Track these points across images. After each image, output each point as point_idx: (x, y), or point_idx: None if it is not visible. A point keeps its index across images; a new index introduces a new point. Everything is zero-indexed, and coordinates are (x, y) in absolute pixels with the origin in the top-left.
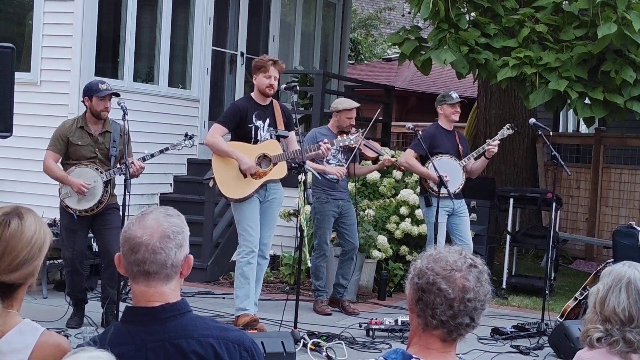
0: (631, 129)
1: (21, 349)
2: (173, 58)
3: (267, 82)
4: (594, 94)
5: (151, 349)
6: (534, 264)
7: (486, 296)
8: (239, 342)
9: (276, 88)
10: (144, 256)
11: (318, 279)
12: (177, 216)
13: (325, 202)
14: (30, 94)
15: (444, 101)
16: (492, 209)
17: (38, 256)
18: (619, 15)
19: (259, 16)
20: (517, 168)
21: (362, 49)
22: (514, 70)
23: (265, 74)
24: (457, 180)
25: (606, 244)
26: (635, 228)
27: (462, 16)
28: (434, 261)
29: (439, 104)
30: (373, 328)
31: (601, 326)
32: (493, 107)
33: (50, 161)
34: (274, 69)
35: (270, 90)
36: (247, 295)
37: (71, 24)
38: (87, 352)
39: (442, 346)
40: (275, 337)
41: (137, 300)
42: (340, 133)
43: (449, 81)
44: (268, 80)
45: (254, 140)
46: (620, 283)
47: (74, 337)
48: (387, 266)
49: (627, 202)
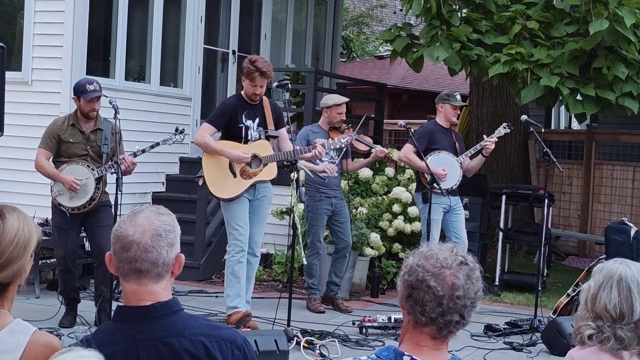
0: (623, 125)
1: (12, 349)
2: (164, 56)
3: (252, 90)
4: (585, 90)
5: (143, 348)
6: (527, 261)
7: (476, 294)
8: (231, 340)
9: (263, 94)
10: (135, 254)
11: (311, 277)
12: (168, 215)
13: (318, 200)
14: (22, 93)
15: (447, 101)
16: (484, 206)
17: (23, 255)
18: (611, 12)
19: (251, 14)
20: (509, 165)
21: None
22: (506, 67)
23: (251, 83)
24: (455, 176)
25: (598, 240)
26: (627, 224)
27: (453, 13)
28: (424, 258)
29: (442, 102)
30: (366, 326)
31: (593, 323)
32: (485, 104)
33: (41, 158)
34: (261, 79)
35: (255, 97)
36: (238, 294)
37: (62, 23)
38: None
39: (433, 343)
40: (269, 335)
41: (128, 299)
42: (331, 129)
43: (441, 78)
44: (253, 89)
45: (244, 140)
46: (611, 280)
47: (66, 337)
48: (380, 264)
49: (619, 198)
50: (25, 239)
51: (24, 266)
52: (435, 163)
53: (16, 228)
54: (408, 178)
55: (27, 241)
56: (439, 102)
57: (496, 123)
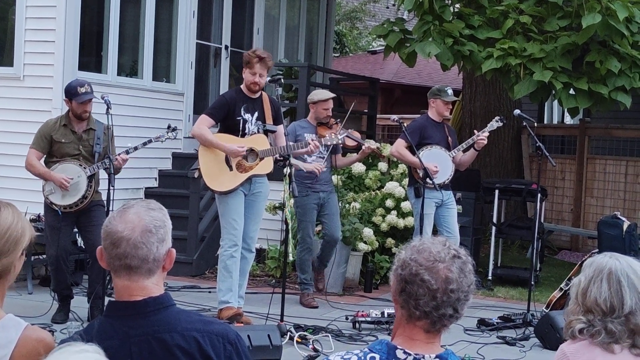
0: (616, 120)
1: (4, 344)
2: (157, 52)
3: (251, 78)
4: (578, 85)
5: (135, 343)
6: (520, 255)
7: (470, 287)
8: (223, 335)
9: (263, 84)
10: (125, 250)
11: (304, 272)
12: (159, 210)
13: (305, 196)
14: (14, 89)
15: (438, 96)
16: (477, 201)
17: (14, 250)
18: (603, 6)
19: (243, 9)
20: (502, 160)
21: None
22: (499, 62)
23: (250, 70)
24: (447, 171)
25: (591, 234)
26: (620, 218)
27: (446, 8)
28: (417, 252)
29: (433, 97)
30: (359, 320)
31: (583, 317)
32: (478, 99)
33: (32, 158)
34: (260, 66)
35: (255, 86)
36: (230, 289)
37: (54, 18)
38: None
39: (426, 337)
40: (262, 330)
41: (119, 295)
42: (319, 125)
43: (434, 73)
44: (253, 77)
45: (241, 133)
46: (601, 274)
47: (59, 333)
48: (373, 259)
49: (611, 192)
50: (17, 235)
51: (14, 263)
52: (427, 158)
53: (9, 222)
54: (401, 173)
55: (19, 237)
56: (431, 97)
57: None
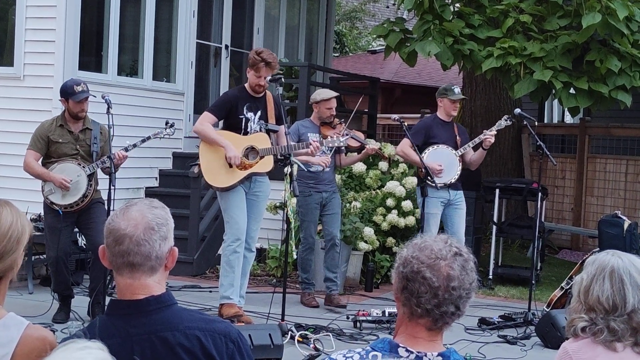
0: (616, 119)
1: (6, 343)
2: (157, 51)
3: (256, 81)
4: (578, 84)
5: (136, 342)
6: (520, 254)
7: (471, 285)
8: (225, 334)
9: (267, 86)
10: (128, 248)
11: (305, 272)
12: (161, 208)
13: (307, 196)
14: (14, 89)
15: (445, 95)
16: (478, 200)
17: (16, 249)
18: (603, 5)
19: (243, 9)
20: (502, 159)
21: (346, 41)
22: (499, 61)
23: (256, 73)
24: (453, 170)
25: (592, 233)
26: (620, 217)
27: (446, 7)
28: (419, 250)
29: (440, 96)
30: (360, 320)
31: (585, 315)
32: (478, 98)
33: (30, 159)
34: (266, 70)
35: (259, 88)
36: (232, 284)
37: (54, 18)
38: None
39: (428, 335)
40: (263, 330)
41: (121, 293)
42: (323, 124)
43: (435, 73)
44: (257, 80)
45: (243, 131)
46: (603, 272)
47: (60, 332)
48: (373, 258)
49: (612, 191)
50: (19, 233)
51: (17, 260)
52: (432, 157)
53: (10, 221)
54: (402, 172)
55: (21, 235)
56: (438, 97)
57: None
